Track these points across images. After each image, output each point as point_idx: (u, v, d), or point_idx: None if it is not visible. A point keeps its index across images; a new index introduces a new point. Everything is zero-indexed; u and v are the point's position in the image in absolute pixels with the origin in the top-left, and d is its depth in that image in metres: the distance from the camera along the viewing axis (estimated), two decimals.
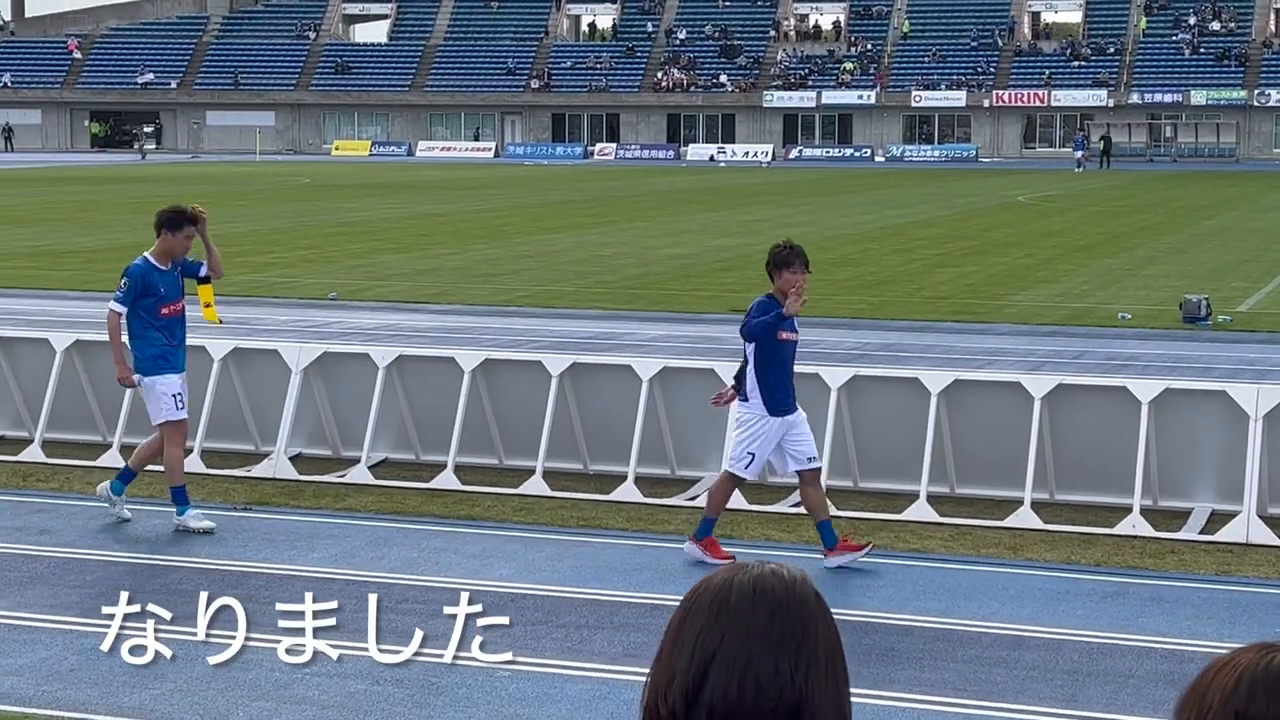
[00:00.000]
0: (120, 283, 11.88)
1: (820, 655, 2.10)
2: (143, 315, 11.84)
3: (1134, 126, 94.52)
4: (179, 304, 12.04)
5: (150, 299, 11.84)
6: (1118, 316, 23.45)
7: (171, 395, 11.81)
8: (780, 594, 2.11)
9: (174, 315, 11.96)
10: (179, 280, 12.10)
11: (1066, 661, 9.10)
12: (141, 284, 11.83)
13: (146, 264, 11.94)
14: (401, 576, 10.64)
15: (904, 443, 12.86)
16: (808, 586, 2.14)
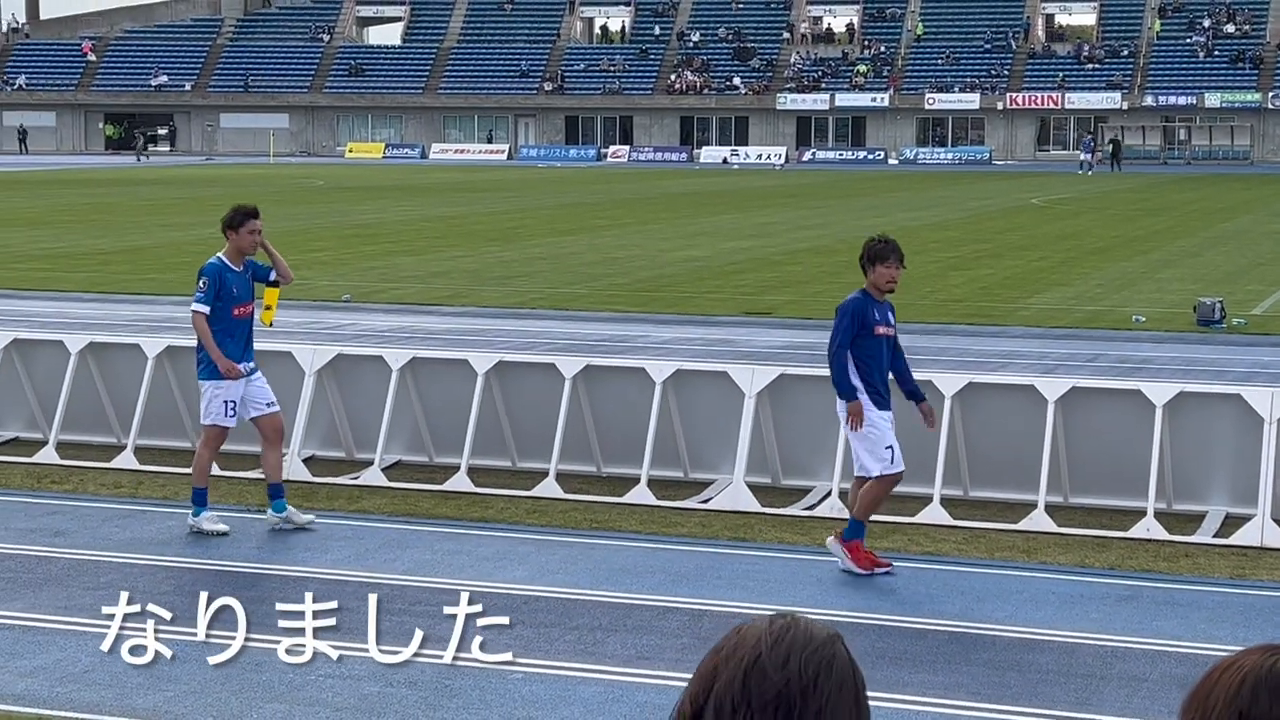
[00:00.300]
0: (199, 283, 11.83)
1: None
2: (213, 316, 11.82)
3: (1148, 129, 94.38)
4: (249, 306, 12.01)
5: (224, 300, 11.82)
6: (1132, 319, 23.40)
7: (224, 401, 11.81)
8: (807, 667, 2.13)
9: (244, 317, 11.95)
10: (250, 282, 12.08)
11: (1081, 665, 9.08)
12: (217, 283, 11.80)
13: (221, 264, 11.92)
14: (414, 579, 10.64)
15: (918, 446, 12.83)
16: (838, 650, 2.15)
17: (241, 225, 11.95)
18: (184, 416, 14.53)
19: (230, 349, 11.81)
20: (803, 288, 27.44)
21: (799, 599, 10.23)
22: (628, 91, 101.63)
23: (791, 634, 2.11)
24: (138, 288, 27.10)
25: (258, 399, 11.97)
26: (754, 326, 22.86)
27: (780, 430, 13.25)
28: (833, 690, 2.08)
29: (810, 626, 2.13)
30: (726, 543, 11.69)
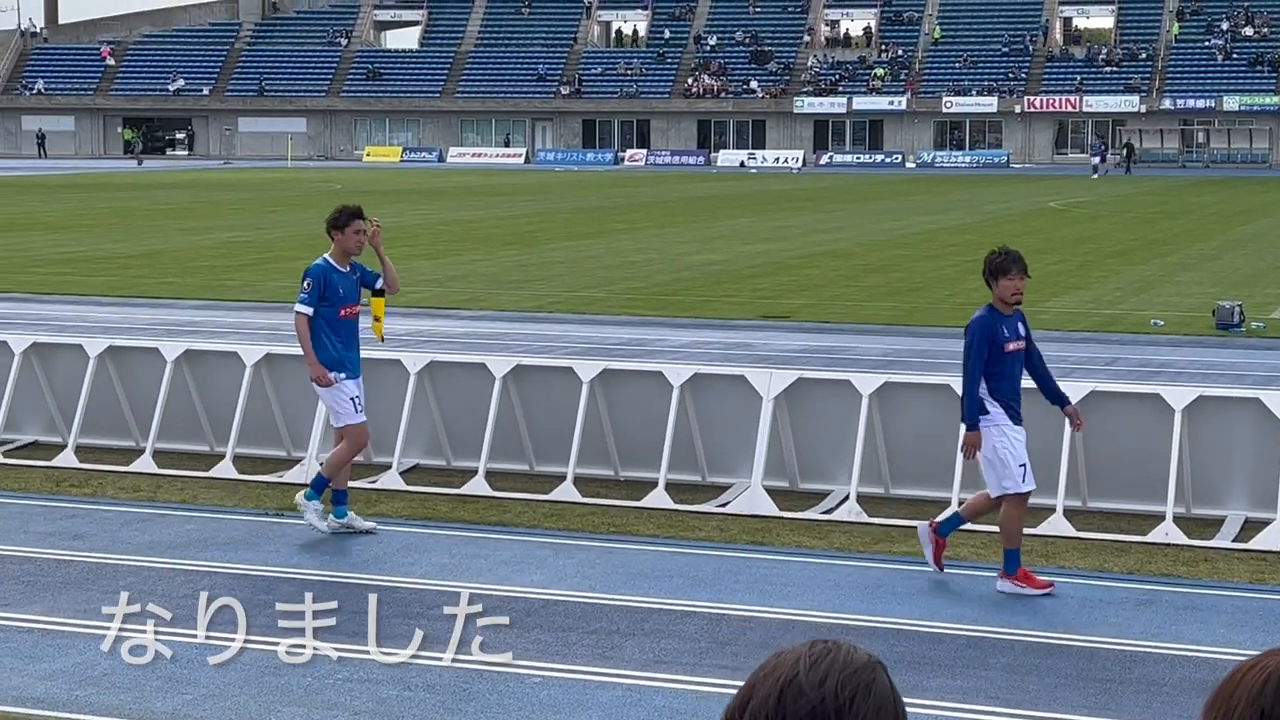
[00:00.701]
0: (303, 284, 11.76)
1: None
2: (321, 317, 11.74)
3: (1166, 132, 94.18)
4: (355, 307, 11.92)
5: (328, 302, 11.73)
6: (1150, 323, 23.35)
7: (350, 399, 11.76)
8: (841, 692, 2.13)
9: (351, 318, 11.86)
10: (357, 284, 11.97)
11: (1100, 669, 9.06)
12: (322, 284, 11.72)
13: (326, 265, 11.84)
14: (432, 582, 10.65)
15: (936, 449, 12.82)
16: (878, 675, 2.16)
17: (347, 225, 11.86)
18: (202, 420, 14.56)
19: (338, 351, 11.74)
20: (820, 291, 27.42)
21: (817, 603, 10.23)
22: (645, 95, 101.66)
23: (831, 656, 2.10)
24: (156, 291, 27.16)
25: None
26: (771, 330, 22.85)
27: (798, 434, 13.24)
28: (870, 712, 2.08)
29: (852, 652, 2.13)
30: (744, 546, 11.68)
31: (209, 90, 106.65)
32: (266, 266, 31.64)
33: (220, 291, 27.19)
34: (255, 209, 50.14)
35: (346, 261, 11.88)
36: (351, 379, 11.81)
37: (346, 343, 11.83)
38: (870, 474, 12.90)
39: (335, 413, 11.85)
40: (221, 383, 14.45)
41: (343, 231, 11.87)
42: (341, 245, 11.86)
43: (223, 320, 23.46)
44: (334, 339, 11.74)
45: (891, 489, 13.11)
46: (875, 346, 21.18)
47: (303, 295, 11.74)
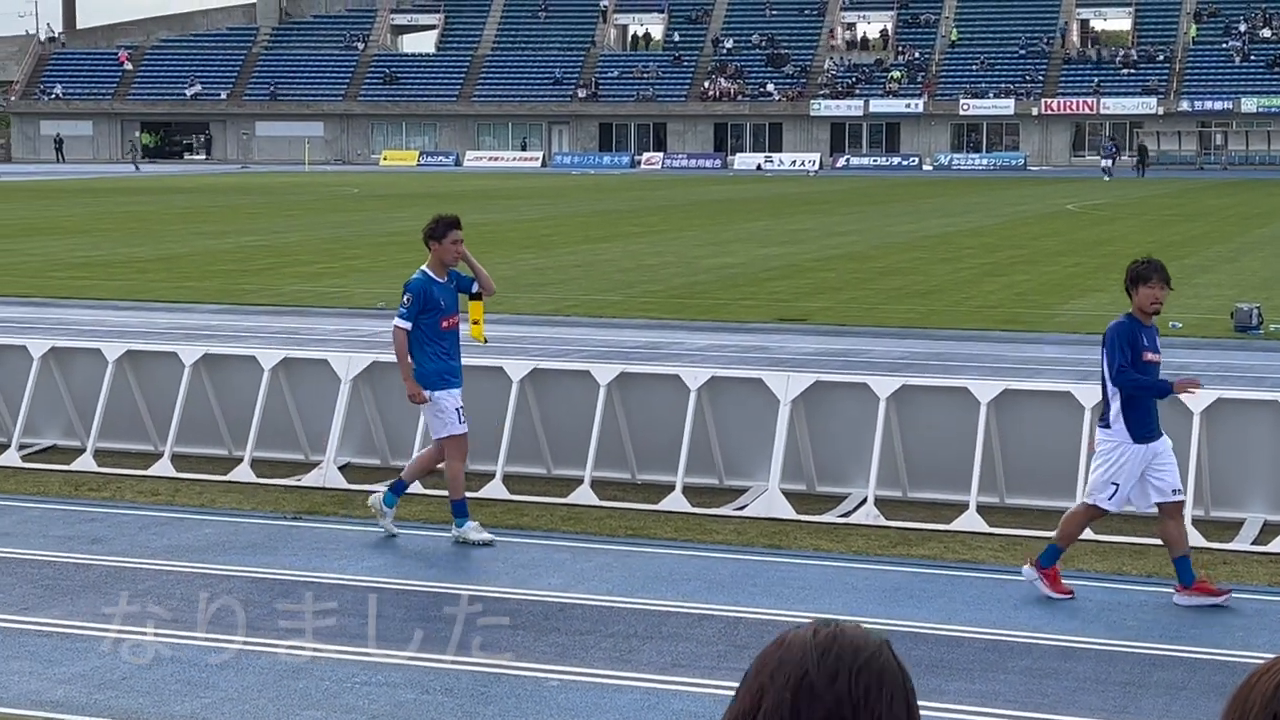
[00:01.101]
0: (403, 298, 11.68)
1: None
2: (423, 329, 11.65)
3: (1184, 134, 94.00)
4: (455, 317, 11.83)
5: (430, 313, 11.65)
6: (1169, 325, 23.29)
7: (454, 409, 11.67)
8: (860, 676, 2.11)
9: (452, 328, 11.77)
10: (455, 294, 11.88)
11: (1119, 673, 9.04)
12: (423, 298, 11.63)
13: (425, 277, 11.74)
14: (450, 586, 10.65)
15: (953, 452, 12.81)
16: (886, 660, 2.14)
17: (444, 235, 11.75)
18: (220, 424, 14.58)
19: (442, 361, 11.66)
20: (837, 294, 27.40)
21: (834, 606, 10.22)
22: (661, 98, 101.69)
23: (838, 646, 2.09)
24: (174, 296, 27.22)
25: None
26: (788, 333, 22.84)
27: (815, 437, 13.23)
28: (884, 705, 2.07)
29: (856, 637, 2.11)
30: (762, 550, 11.67)
31: (226, 95, 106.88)
32: (283, 270, 31.69)
33: (237, 295, 27.24)
34: (272, 213, 50.23)
35: (444, 272, 11.78)
36: (456, 388, 11.74)
37: (450, 352, 11.72)
38: (888, 477, 12.88)
39: (440, 423, 11.71)
40: (239, 386, 14.47)
41: (440, 242, 11.74)
42: (439, 256, 11.76)
43: (240, 324, 23.50)
44: (438, 350, 11.66)
45: (909, 492, 13.09)
46: (892, 349, 21.16)
47: (402, 310, 11.65)
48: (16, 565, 11.13)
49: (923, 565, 11.26)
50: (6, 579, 10.77)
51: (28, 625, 9.74)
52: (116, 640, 9.44)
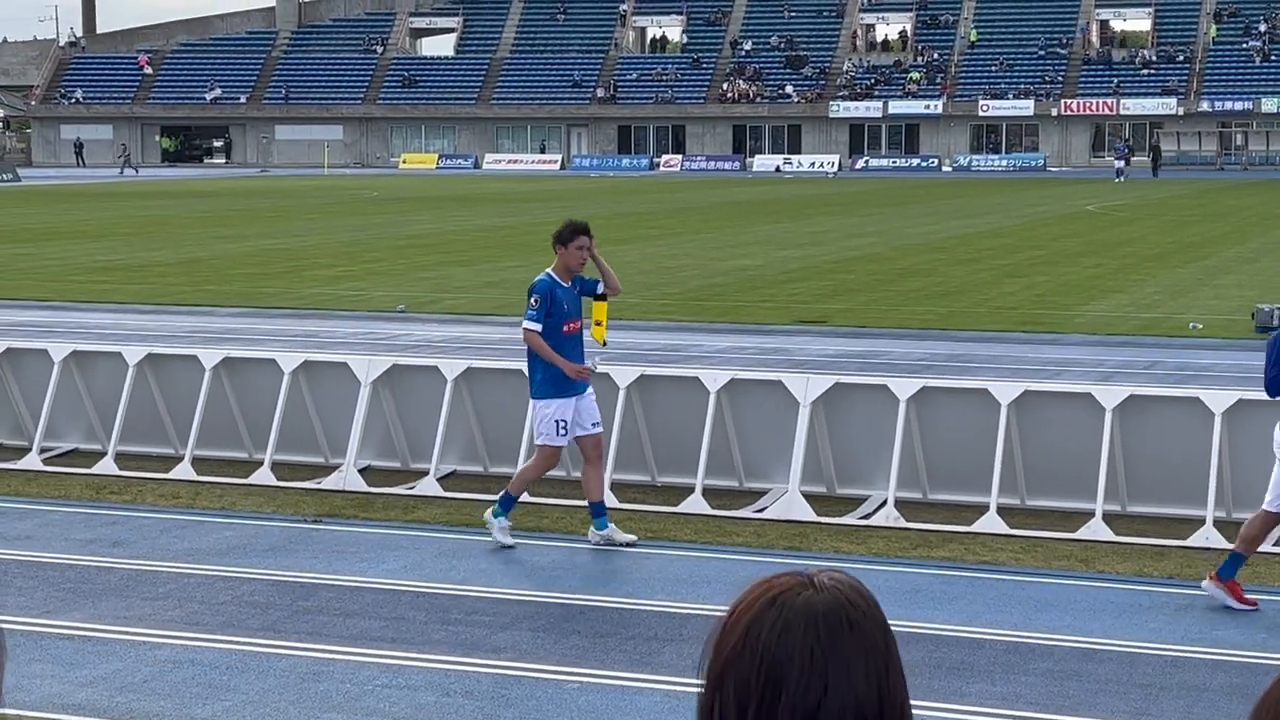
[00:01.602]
0: (530, 300, 11.61)
1: (896, 659, 2.10)
2: (544, 332, 11.58)
3: (1204, 135, 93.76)
4: (578, 322, 11.77)
5: (553, 316, 11.59)
6: (1189, 326, 23.24)
7: (555, 420, 11.56)
8: (855, 606, 2.09)
9: (573, 333, 11.68)
10: (579, 299, 11.83)
11: (1140, 675, 9.02)
12: (549, 300, 11.57)
13: (550, 280, 11.69)
14: (470, 588, 10.66)
15: (973, 454, 12.78)
16: (868, 595, 2.14)
17: (571, 241, 11.68)
18: (240, 427, 14.61)
19: (557, 368, 11.56)
20: (857, 296, 27.37)
21: None
22: (680, 100, 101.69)
23: (791, 630, 2.06)
24: (195, 299, 27.28)
25: (584, 418, 11.74)
26: (808, 335, 22.82)
27: (835, 439, 13.22)
28: (852, 676, 2.05)
29: (809, 603, 2.09)
30: (782, 552, 11.67)
31: (246, 98, 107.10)
32: (303, 274, 31.75)
33: (258, 299, 27.29)
34: (292, 216, 50.33)
35: (569, 277, 11.71)
36: (567, 398, 11.59)
37: (570, 358, 11.62)
38: (908, 479, 12.87)
39: (540, 431, 11.67)
40: (260, 389, 14.50)
41: (567, 247, 11.68)
42: (564, 261, 11.70)
43: (260, 327, 23.54)
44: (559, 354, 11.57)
45: (929, 494, 13.07)
46: (912, 351, 21.13)
47: (531, 312, 11.58)
48: (38, 568, 11.16)
49: (943, 567, 11.25)
50: (28, 582, 10.80)
51: (50, 628, 9.77)
52: (138, 643, 9.46)
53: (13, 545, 11.83)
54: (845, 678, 2.05)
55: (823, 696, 2.03)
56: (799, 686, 2.04)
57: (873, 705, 2.05)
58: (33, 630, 9.70)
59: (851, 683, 2.05)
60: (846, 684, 2.04)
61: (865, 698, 2.05)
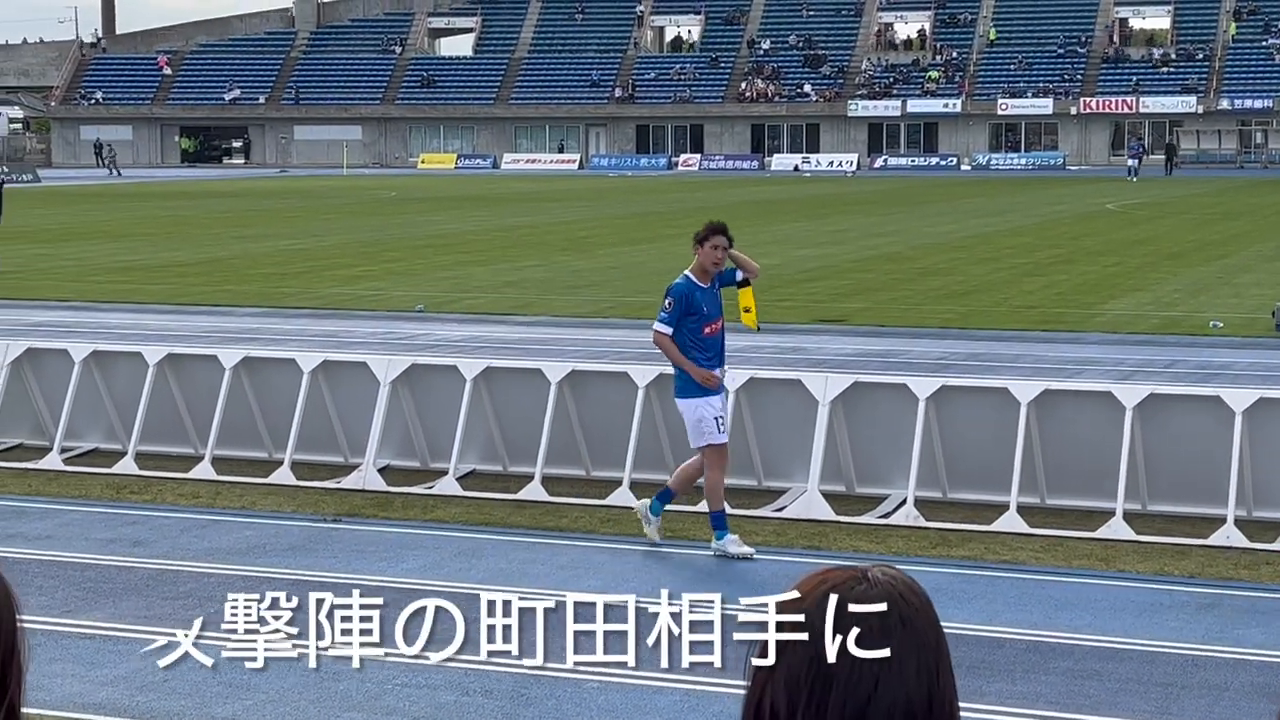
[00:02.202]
0: (664, 303, 11.48)
1: (947, 657, 2.10)
2: (685, 335, 11.43)
3: (1224, 133, 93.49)
4: (718, 323, 11.57)
5: (693, 318, 11.44)
6: (1209, 325, 23.18)
7: (713, 418, 11.38)
8: (909, 603, 2.09)
9: (714, 335, 11.51)
10: (719, 298, 11.64)
11: (1161, 674, 9.00)
12: (685, 302, 11.43)
13: (688, 282, 11.52)
14: (490, 587, 10.66)
15: (993, 453, 12.76)
16: (921, 592, 2.13)
17: (707, 240, 11.52)
18: (260, 427, 14.63)
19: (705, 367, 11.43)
20: (876, 295, 27.34)
21: None
22: (698, 100, 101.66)
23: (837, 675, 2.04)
24: (215, 299, 27.33)
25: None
26: (827, 334, 22.80)
27: (854, 438, 13.20)
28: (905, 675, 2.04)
29: (862, 598, 2.08)
30: (801, 551, 11.66)
31: (265, 99, 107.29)
32: (322, 273, 31.79)
33: (277, 299, 27.33)
34: (311, 216, 50.40)
35: (708, 278, 11.54)
36: (716, 396, 11.44)
37: (712, 360, 11.47)
38: (928, 478, 12.85)
39: (698, 432, 11.41)
40: (279, 389, 14.52)
41: (703, 246, 11.54)
42: (700, 261, 11.53)
43: (280, 327, 23.58)
44: (699, 357, 11.43)
45: (949, 493, 13.05)
46: (932, 350, 21.10)
47: (663, 314, 11.43)
48: (59, 568, 11.19)
49: (963, 566, 11.23)
50: (49, 581, 10.83)
51: (70, 628, 9.80)
52: (158, 642, 9.48)
53: (34, 545, 11.86)
54: (896, 675, 2.04)
55: (873, 693, 2.02)
56: (849, 682, 2.03)
57: (922, 703, 2.04)
58: (53, 630, 9.72)
59: (902, 680, 2.04)
60: (897, 681, 2.04)
61: (915, 695, 2.04)
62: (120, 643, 9.50)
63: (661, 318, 11.48)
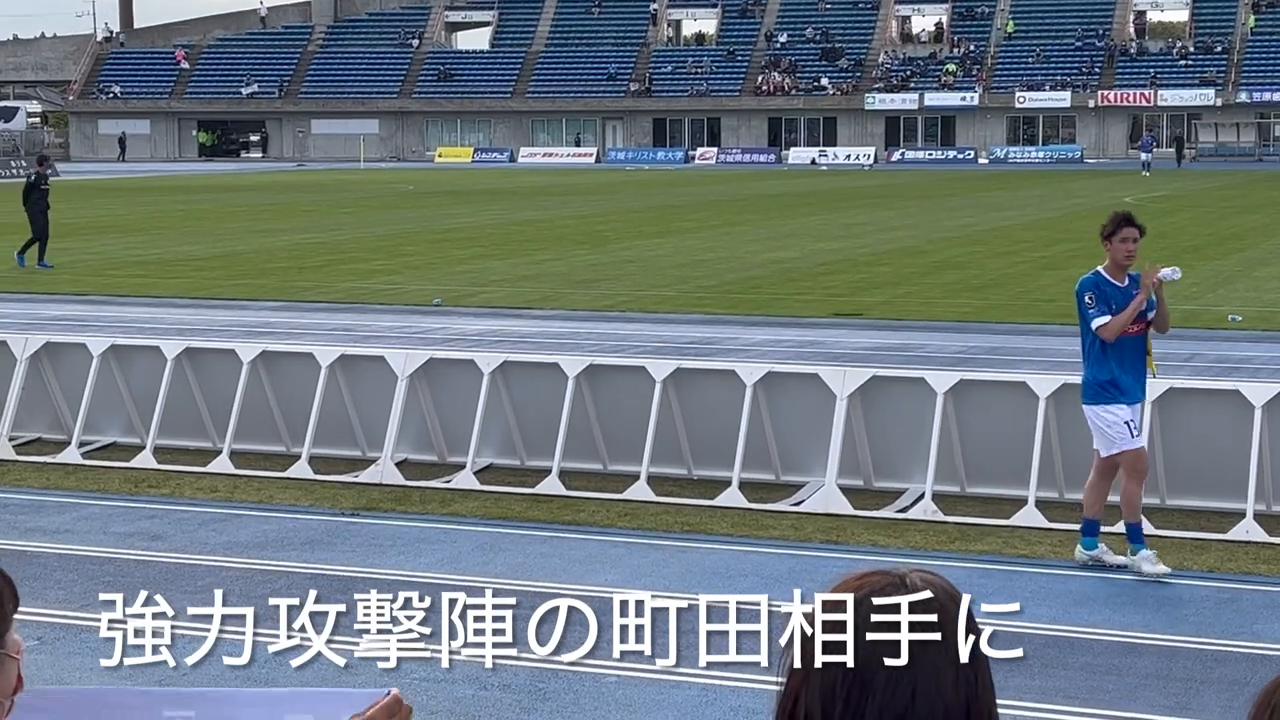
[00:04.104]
0: (1084, 300, 10.67)
1: (986, 667, 2.07)
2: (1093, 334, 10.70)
3: (1242, 126, 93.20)
4: (1141, 325, 10.70)
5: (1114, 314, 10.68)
6: (1228, 318, 23.11)
7: (1124, 422, 10.57)
8: (947, 611, 2.06)
9: (1131, 336, 10.65)
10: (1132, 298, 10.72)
11: (1180, 669, 8.97)
12: (1100, 294, 10.69)
13: (1098, 278, 10.78)
14: (507, 581, 10.67)
15: (1012, 447, 12.73)
16: (959, 598, 2.10)
17: (1115, 233, 10.80)
18: (278, 421, 14.65)
19: (1111, 374, 10.62)
20: (893, 289, 27.30)
21: None
22: (715, 93, 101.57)
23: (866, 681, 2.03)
24: (232, 293, 27.36)
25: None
26: (844, 328, 22.77)
27: (872, 432, 13.18)
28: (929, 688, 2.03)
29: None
30: (819, 545, 11.65)
31: (282, 93, 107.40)
32: (339, 267, 31.82)
33: (294, 293, 27.36)
34: (328, 210, 50.44)
35: (1122, 275, 10.77)
36: (1125, 404, 10.59)
37: (1124, 365, 10.63)
38: (946, 472, 12.82)
39: (1106, 440, 10.66)
40: (297, 383, 14.53)
41: (1111, 241, 10.81)
42: (1112, 257, 10.78)
43: (297, 321, 23.60)
44: (1109, 359, 10.65)
45: (967, 487, 13.03)
46: (949, 344, 21.06)
47: (1090, 310, 10.63)
48: (77, 562, 11.22)
49: (981, 561, 11.21)
50: (67, 575, 10.85)
51: (88, 622, 9.81)
52: (177, 637, 9.49)
53: (52, 538, 11.89)
54: (934, 684, 2.01)
55: (910, 703, 1.99)
56: (886, 691, 2.00)
57: (959, 714, 2.01)
58: (71, 624, 9.74)
59: (940, 689, 2.01)
60: (935, 690, 2.01)
61: (953, 705, 2.01)
62: (139, 636, 9.51)
63: (1092, 314, 10.64)
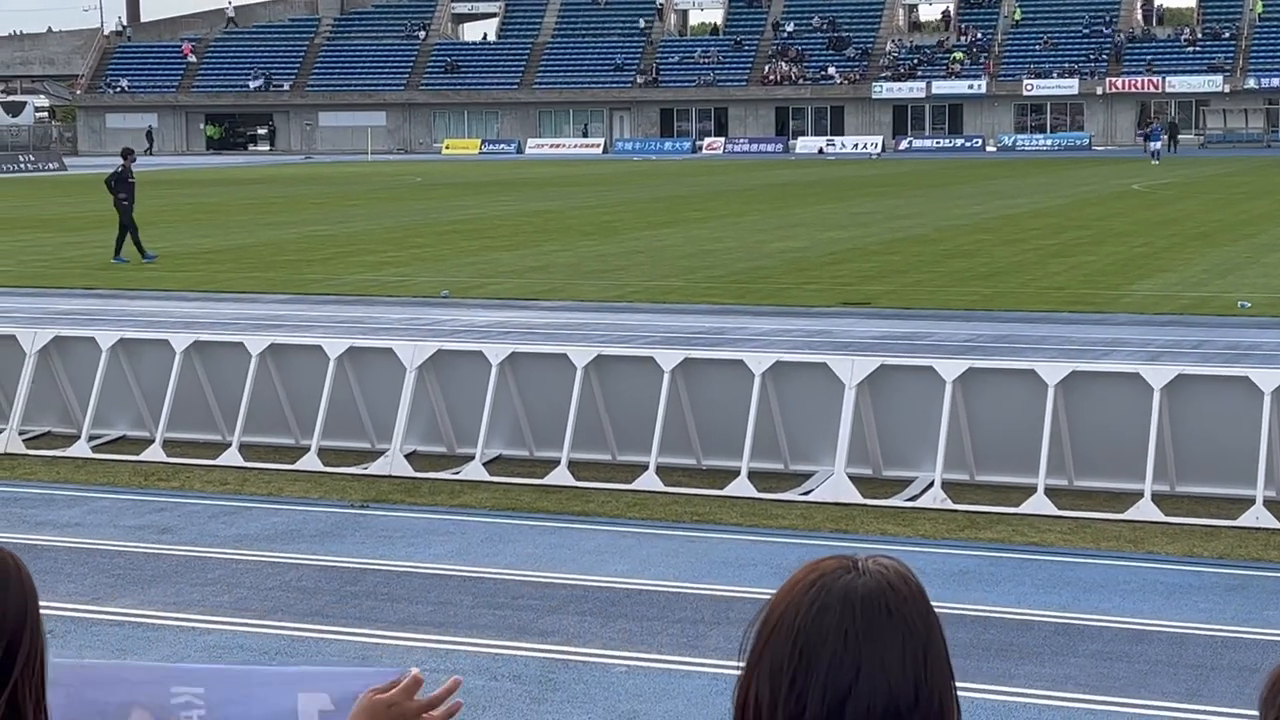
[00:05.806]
0: None
1: (938, 649, 2.07)
2: None
3: (1250, 112, 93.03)
4: None
5: None
6: (1237, 305, 23.07)
7: None
8: (897, 592, 2.07)
9: None
10: None
11: (1190, 656, 8.97)
12: None
13: None
14: (516, 572, 10.68)
15: (1021, 435, 12.72)
16: (914, 582, 2.11)
17: None
18: (287, 413, 14.66)
19: None
20: (901, 277, 27.27)
21: None
22: (722, 83, 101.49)
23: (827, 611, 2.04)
24: (241, 286, 27.38)
25: None
26: (853, 317, 22.76)
27: (881, 421, 13.17)
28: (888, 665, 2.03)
29: (849, 586, 2.07)
30: (828, 534, 11.64)
31: (289, 86, 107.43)
32: (348, 260, 31.83)
33: (302, 285, 27.37)
34: (336, 203, 50.46)
35: None
36: None
37: None
38: (955, 460, 12.81)
39: None
40: (306, 375, 14.54)
41: None
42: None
43: (306, 314, 23.61)
44: None
45: (976, 475, 13.02)
46: (958, 332, 21.05)
47: None
48: (87, 555, 11.24)
49: (991, 549, 11.20)
50: (78, 569, 10.87)
51: (99, 615, 9.83)
52: (187, 629, 9.51)
53: (62, 532, 11.91)
54: (879, 663, 2.02)
55: (854, 680, 2.00)
56: (830, 668, 2.01)
57: (907, 694, 2.01)
58: (82, 617, 9.76)
59: (885, 668, 2.02)
60: (880, 669, 2.01)
61: (899, 685, 2.01)
62: (149, 629, 9.53)
63: None
